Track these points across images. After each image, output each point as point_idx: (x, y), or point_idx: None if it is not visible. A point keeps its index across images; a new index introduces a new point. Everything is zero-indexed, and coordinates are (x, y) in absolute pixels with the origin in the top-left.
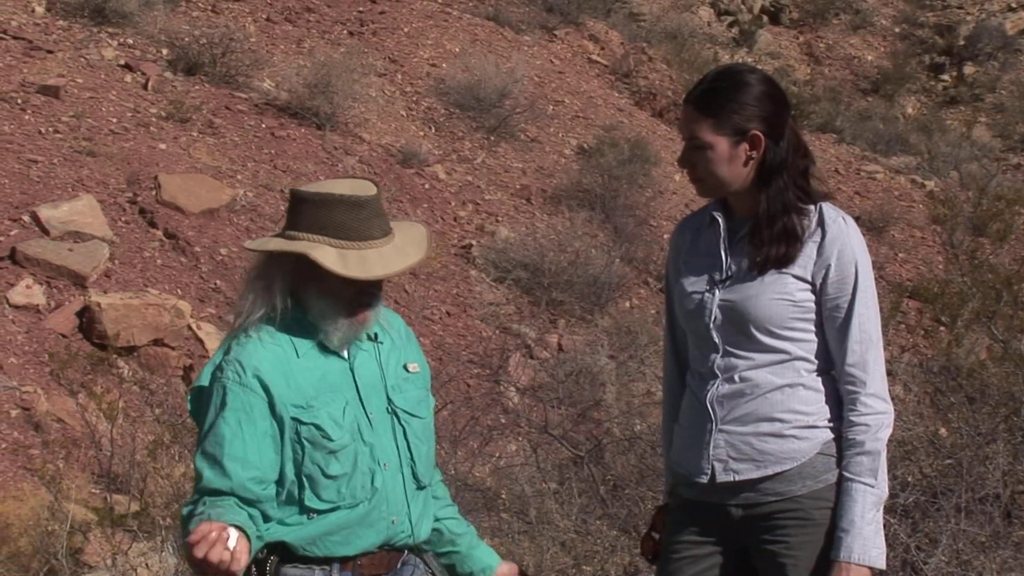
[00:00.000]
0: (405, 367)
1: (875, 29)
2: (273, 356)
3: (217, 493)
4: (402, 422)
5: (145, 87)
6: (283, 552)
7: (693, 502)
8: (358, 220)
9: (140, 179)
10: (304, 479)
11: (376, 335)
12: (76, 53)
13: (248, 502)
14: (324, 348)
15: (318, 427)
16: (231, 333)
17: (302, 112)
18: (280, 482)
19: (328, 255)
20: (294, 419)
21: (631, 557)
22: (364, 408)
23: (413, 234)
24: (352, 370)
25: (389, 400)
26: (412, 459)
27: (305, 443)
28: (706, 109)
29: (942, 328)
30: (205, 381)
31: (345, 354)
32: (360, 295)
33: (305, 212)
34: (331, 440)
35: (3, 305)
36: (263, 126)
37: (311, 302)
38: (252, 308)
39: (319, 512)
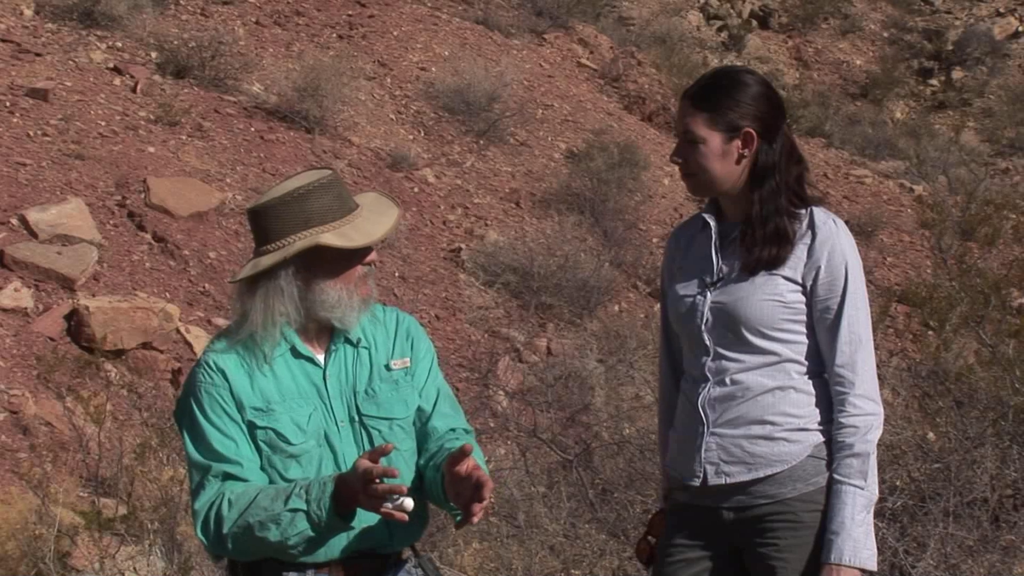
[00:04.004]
0: (387, 366)
1: (864, 34)
2: (239, 358)
3: (233, 478)
4: (368, 430)
5: (134, 90)
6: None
7: (687, 505)
8: (335, 199)
9: (129, 182)
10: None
11: (359, 340)
12: (65, 56)
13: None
14: (296, 354)
15: (276, 431)
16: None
17: (291, 115)
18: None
19: (333, 239)
20: (250, 422)
21: (620, 561)
22: (333, 415)
23: (373, 200)
24: (324, 377)
25: (357, 408)
26: None
27: (263, 445)
28: (702, 104)
29: (930, 332)
30: (185, 392)
31: (320, 359)
32: (363, 267)
33: (282, 216)
34: (291, 444)
35: None
36: (252, 129)
37: (324, 295)
38: (258, 329)
39: None
